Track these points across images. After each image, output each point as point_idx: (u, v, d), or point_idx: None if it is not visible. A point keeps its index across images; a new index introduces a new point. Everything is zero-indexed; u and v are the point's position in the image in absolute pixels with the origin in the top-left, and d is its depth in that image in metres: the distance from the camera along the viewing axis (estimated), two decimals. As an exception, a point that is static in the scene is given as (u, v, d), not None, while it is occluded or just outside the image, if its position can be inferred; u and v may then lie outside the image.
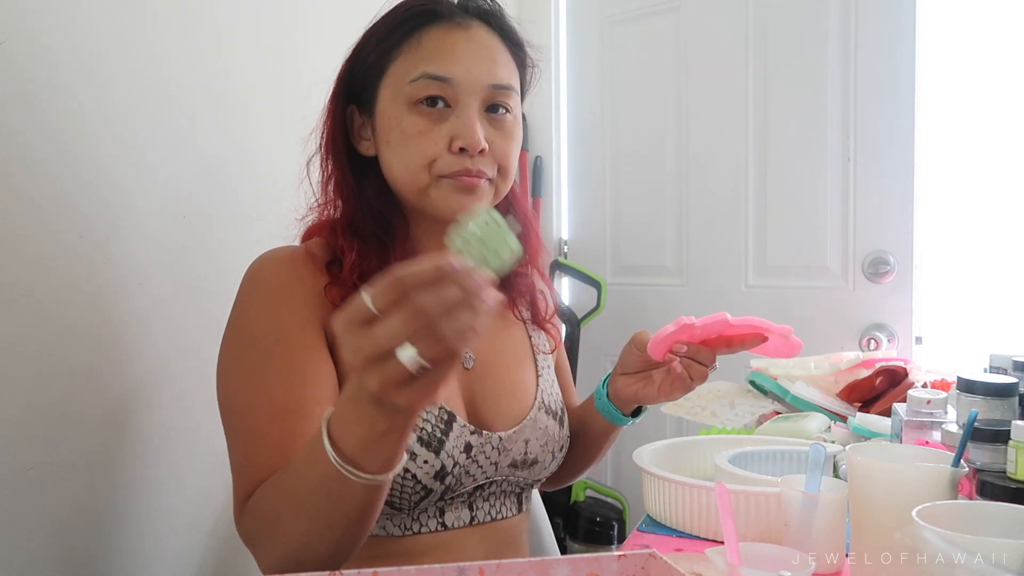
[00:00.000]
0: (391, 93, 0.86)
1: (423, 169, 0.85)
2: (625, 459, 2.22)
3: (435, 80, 0.84)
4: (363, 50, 0.89)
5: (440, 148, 0.84)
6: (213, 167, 1.27)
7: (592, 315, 2.14)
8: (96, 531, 1.08)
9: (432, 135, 0.84)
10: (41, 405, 1.00)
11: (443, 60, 0.84)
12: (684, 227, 2.10)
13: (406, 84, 0.85)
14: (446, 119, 0.85)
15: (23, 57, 0.98)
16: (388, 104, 0.86)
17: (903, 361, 1.42)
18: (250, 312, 0.85)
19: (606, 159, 2.23)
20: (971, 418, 0.77)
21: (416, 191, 0.87)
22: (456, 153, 0.84)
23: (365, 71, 0.89)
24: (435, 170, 0.85)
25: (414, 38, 0.86)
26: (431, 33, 0.86)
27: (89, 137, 1.06)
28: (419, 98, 0.84)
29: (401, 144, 0.85)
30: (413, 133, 0.84)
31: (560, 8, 2.29)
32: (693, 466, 1.10)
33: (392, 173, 0.88)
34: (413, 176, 0.86)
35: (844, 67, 1.83)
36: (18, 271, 0.97)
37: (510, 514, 0.96)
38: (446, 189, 0.85)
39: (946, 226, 1.82)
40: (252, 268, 0.88)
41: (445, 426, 0.86)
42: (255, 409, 0.80)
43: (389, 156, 0.87)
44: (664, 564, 0.58)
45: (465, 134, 0.84)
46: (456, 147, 0.84)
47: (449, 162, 0.84)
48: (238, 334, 0.85)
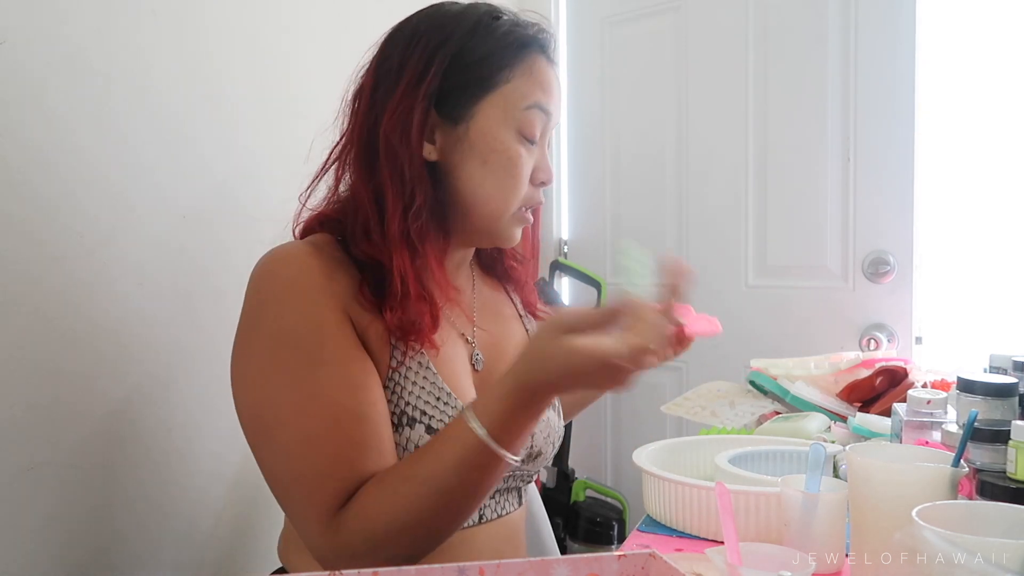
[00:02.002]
0: (501, 113, 0.86)
1: (516, 200, 0.88)
2: (625, 459, 2.22)
3: (544, 113, 0.88)
4: (468, 53, 0.85)
5: (528, 181, 0.89)
6: (213, 167, 1.27)
7: (592, 315, 2.14)
8: (96, 531, 1.08)
9: (527, 167, 0.88)
10: (41, 405, 1.00)
11: (549, 94, 0.89)
12: (684, 227, 2.10)
13: (520, 109, 0.87)
14: (532, 152, 0.89)
15: (23, 57, 0.98)
16: (495, 124, 0.86)
17: (903, 361, 1.41)
18: (281, 315, 0.80)
19: (606, 159, 2.23)
20: (971, 418, 0.77)
21: (497, 216, 0.89)
22: (537, 186, 0.90)
23: (469, 78, 0.85)
24: (523, 201, 0.89)
25: (527, 63, 0.88)
26: (540, 63, 0.89)
27: (89, 137, 1.06)
28: (529, 129, 0.87)
29: (502, 169, 0.86)
30: (517, 163, 0.87)
31: (560, 8, 2.28)
32: (693, 466, 1.10)
33: (480, 192, 0.87)
34: (505, 202, 0.88)
35: (844, 67, 1.83)
36: (18, 271, 0.97)
37: (512, 509, 0.97)
38: (518, 219, 0.91)
39: (946, 226, 1.82)
40: (268, 268, 0.83)
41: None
42: (313, 418, 0.77)
43: (481, 175, 0.86)
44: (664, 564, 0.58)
45: (547, 169, 0.90)
46: (539, 180, 0.90)
47: (532, 194, 0.90)
48: (272, 339, 0.80)
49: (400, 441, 0.83)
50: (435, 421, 0.84)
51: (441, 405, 0.85)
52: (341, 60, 0.93)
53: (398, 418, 0.84)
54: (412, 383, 0.84)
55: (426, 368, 0.86)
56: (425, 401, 0.85)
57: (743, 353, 1.74)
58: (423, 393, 0.85)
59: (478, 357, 0.95)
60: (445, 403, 0.86)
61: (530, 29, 0.90)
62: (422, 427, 0.84)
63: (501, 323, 1.02)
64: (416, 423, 0.84)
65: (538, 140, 0.89)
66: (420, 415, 0.84)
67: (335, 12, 1.53)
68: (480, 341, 0.97)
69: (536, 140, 0.89)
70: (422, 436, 0.83)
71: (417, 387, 0.85)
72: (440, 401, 0.85)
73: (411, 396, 0.84)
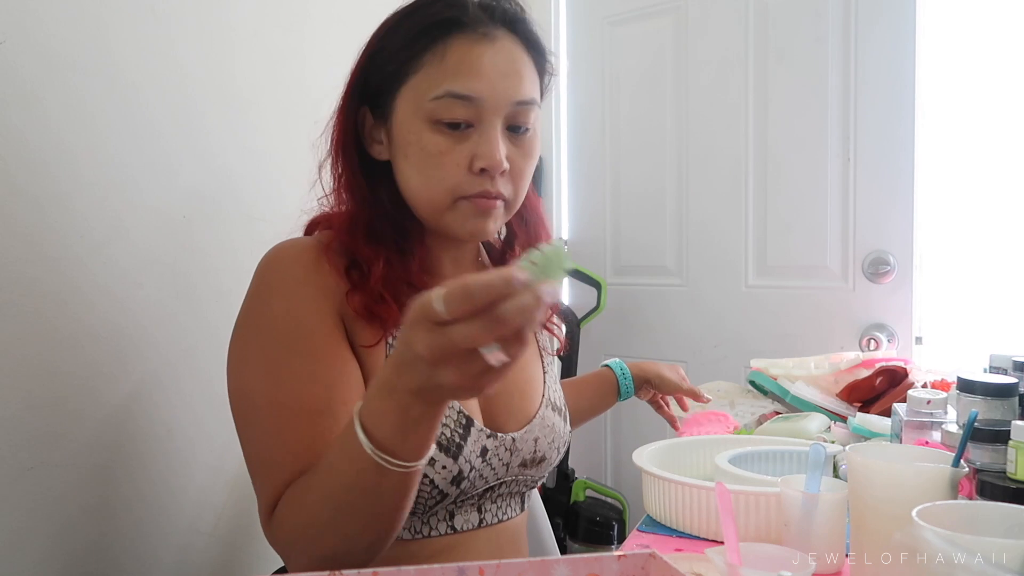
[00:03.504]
0: (411, 106, 0.83)
1: (443, 191, 0.83)
2: (625, 459, 2.22)
3: (459, 99, 0.81)
4: (380, 53, 0.86)
5: (461, 170, 0.83)
6: (215, 167, 1.27)
7: (592, 315, 2.14)
8: (96, 531, 1.08)
9: (453, 155, 0.82)
10: (41, 405, 1.00)
11: (468, 76, 0.81)
12: (684, 227, 2.10)
13: (428, 100, 0.82)
14: (468, 138, 0.83)
15: (24, 57, 0.98)
16: (408, 117, 0.84)
17: (903, 361, 1.41)
18: (269, 303, 0.82)
19: (606, 159, 2.23)
20: (971, 418, 0.77)
21: (433, 210, 0.85)
22: (476, 173, 0.83)
23: (383, 76, 0.85)
24: (455, 192, 0.83)
25: (438, 49, 0.82)
26: (456, 45, 0.82)
27: (91, 137, 1.06)
28: (442, 119, 0.82)
29: (421, 161, 0.83)
30: (434, 152, 0.82)
31: (560, 8, 2.29)
32: (693, 466, 1.10)
33: (410, 188, 0.86)
34: (431, 196, 0.84)
35: (844, 67, 1.83)
36: (19, 271, 0.97)
37: (514, 514, 0.97)
38: (464, 212, 0.85)
39: (946, 226, 1.82)
40: (270, 258, 0.85)
41: (463, 431, 0.86)
42: (281, 407, 0.78)
43: (407, 170, 0.85)
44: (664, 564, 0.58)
45: (487, 155, 0.82)
46: (477, 168, 0.82)
47: (470, 182, 0.83)
48: (257, 325, 0.83)
49: None
50: None
51: None
52: (344, 59, 0.92)
53: None
54: None
55: None
56: None
57: (743, 353, 1.75)
58: None
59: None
60: None
61: (443, 9, 0.83)
62: None
63: None
64: None
65: (475, 123, 0.82)
66: None
67: (336, 12, 1.54)
68: None
69: (462, 124, 0.82)
70: None
71: None
72: None
73: None
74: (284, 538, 0.76)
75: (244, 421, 0.82)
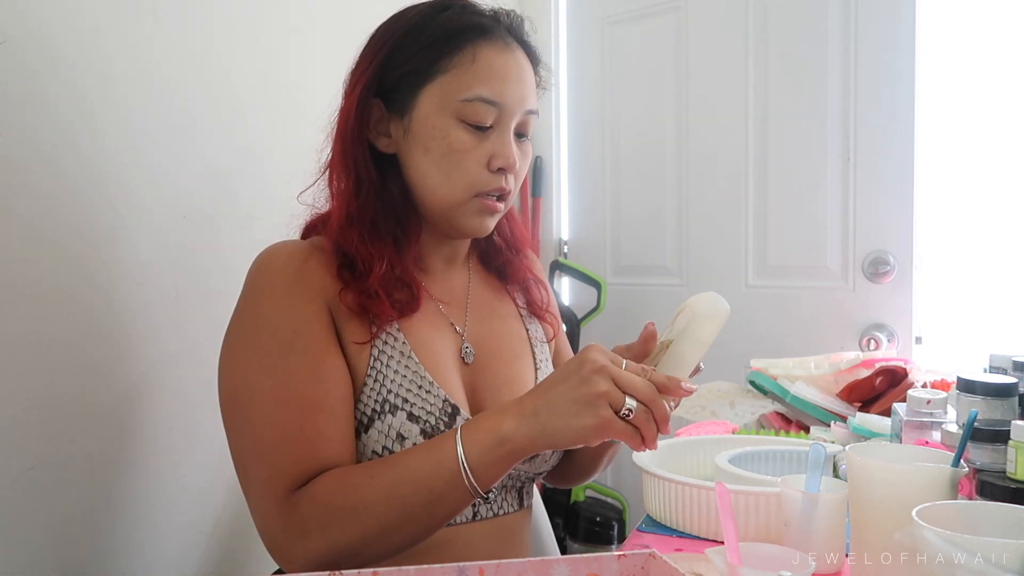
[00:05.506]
0: (438, 103, 0.87)
1: (463, 186, 0.88)
2: (625, 459, 2.21)
3: (488, 104, 0.87)
4: (402, 50, 0.89)
5: (480, 167, 0.88)
6: (214, 167, 1.27)
7: (592, 315, 2.14)
8: (96, 530, 1.08)
9: (475, 154, 0.87)
10: (42, 404, 1.00)
11: (496, 83, 0.87)
12: (684, 227, 2.10)
13: (458, 100, 0.86)
14: (487, 139, 0.88)
15: (24, 57, 0.98)
16: (433, 113, 0.87)
17: (903, 361, 1.42)
18: (261, 304, 0.85)
19: (606, 159, 2.23)
20: (971, 418, 0.77)
21: (449, 205, 0.89)
22: (494, 172, 0.88)
23: (406, 71, 0.88)
24: (473, 188, 0.88)
25: (468, 52, 0.87)
26: (485, 51, 0.87)
27: (91, 137, 1.06)
28: (469, 120, 0.87)
29: (443, 156, 0.87)
30: (459, 149, 0.87)
31: (560, 8, 2.29)
32: (693, 466, 1.10)
33: (426, 181, 0.89)
34: (452, 190, 0.88)
35: (844, 67, 1.83)
36: (19, 270, 0.97)
37: (512, 510, 0.97)
38: (474, 208, 0.90)
39: (946, 226, 1.82)
40: (261, 260, 0.88)
41: (449, 419, 0.87)
42: (282, 403, 0.81)
43: (424, 164, 0.88)
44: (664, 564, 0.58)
45: (505, 155, 0.88)
46: (495, 166, 0.88)
47: (487, 179, 0.88)
48: (250, 326, 0.85)
49: (383, 428, 0.85)
50: (416, 408, 0.86)
51: (423, 393, 0.87)
52: (344, 60, 0.93)
53: (380, 405, 0.86)
54: (394, 371, 0.87)
55: (407, 357, 0.88)
56: (407, 389, 0.87)
57: (743, 353, 1.74)
58: (404, 381, 0.87)
59: (468, 350, 0.96)
60: (427, 391, 0.88)
61: (471, 16, 0.89)
62: (404, 414, 0.86)
63: (496, 319, 1.02)
64: (398, 410, 0.86)
65: (495, 126, 0.88)
66: (402, 403, 0.86)
67: (337, 12, 1.54)
68: (471, 334, 0.98)
69: (487, 126, 0.88)
70: (403, 423, 0.85)
71: (399, 375, 0.87)
72: (422, 389, 0.87)
73: (392, 384, 0.87)
74: (300, 521, 0.78)
75: (240, 418, 0.83)
